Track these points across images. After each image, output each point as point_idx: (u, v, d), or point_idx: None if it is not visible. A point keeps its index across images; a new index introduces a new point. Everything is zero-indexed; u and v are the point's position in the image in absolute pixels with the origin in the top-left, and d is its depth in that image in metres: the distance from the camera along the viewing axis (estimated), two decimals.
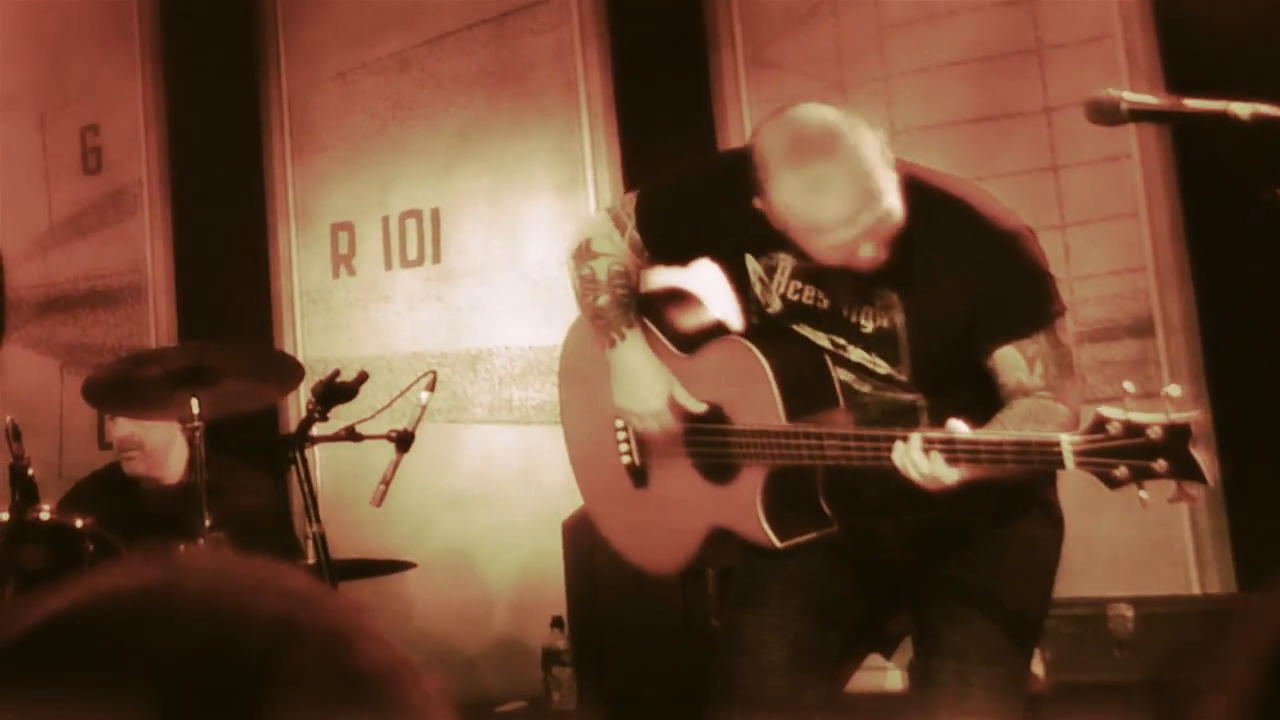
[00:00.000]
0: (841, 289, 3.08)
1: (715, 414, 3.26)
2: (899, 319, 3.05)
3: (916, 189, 3.00)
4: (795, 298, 3.15)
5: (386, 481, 4.33)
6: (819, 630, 3.22)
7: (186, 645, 0.81)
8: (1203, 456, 2.53)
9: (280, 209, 6.64)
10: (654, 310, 3.43)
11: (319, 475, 5.84)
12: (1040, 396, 2.92)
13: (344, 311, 6.51)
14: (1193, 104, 2.65)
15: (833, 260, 2.98)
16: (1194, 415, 2.55)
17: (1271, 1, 4.80)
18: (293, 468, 4.28)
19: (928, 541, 3.17)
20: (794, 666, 3.19)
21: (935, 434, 2.80)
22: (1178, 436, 2.53)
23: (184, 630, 0.82)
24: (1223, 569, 4.86)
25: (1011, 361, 2.95)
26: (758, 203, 3.00)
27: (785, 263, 3.14)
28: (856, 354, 3.10)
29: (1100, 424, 2.59)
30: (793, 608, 3.21)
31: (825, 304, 3.11)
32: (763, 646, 3.21)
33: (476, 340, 6.21)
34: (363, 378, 4.44)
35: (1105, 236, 5.08)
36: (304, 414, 4.30)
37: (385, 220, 6.43)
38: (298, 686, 0.80)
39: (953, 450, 2.75)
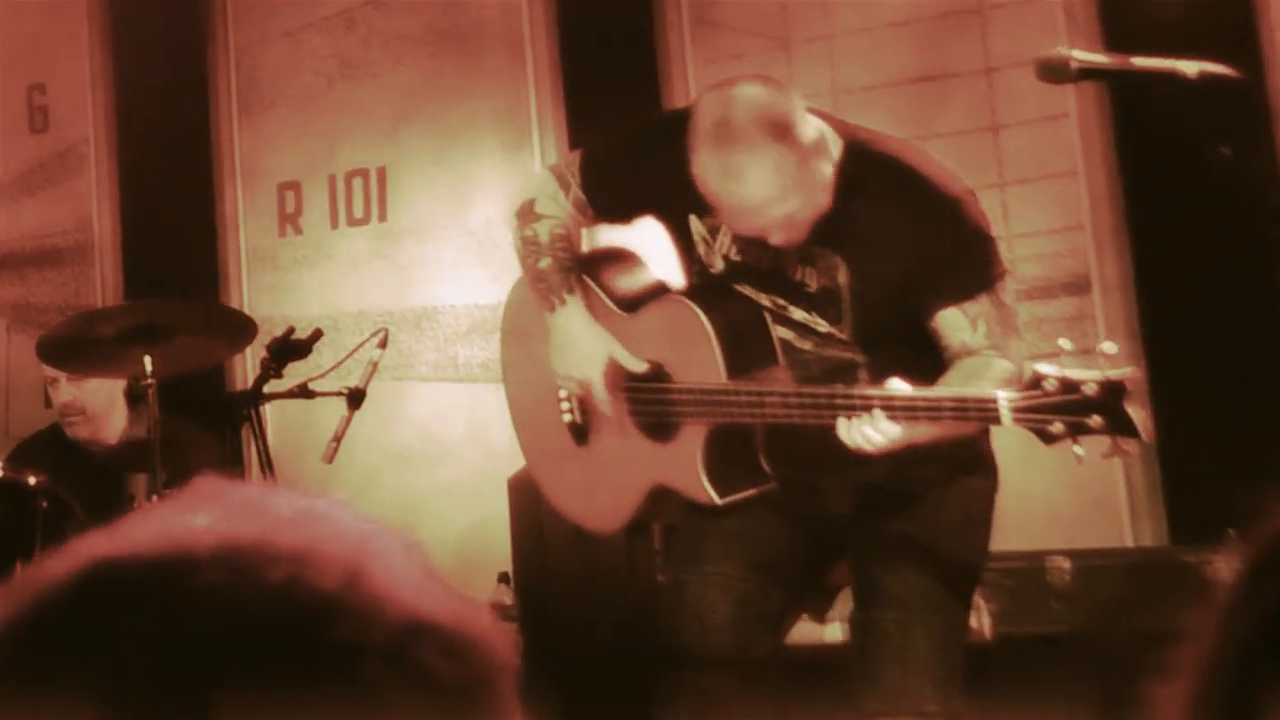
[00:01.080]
0: (785, 249, 3.07)
1: (657, 373, 3.25)
2: (842, 279, 3.05)
3: (860, 152, 3.03)
4: (738, 258, 3.15)
5: (338, 438, 4.32)
6: (762, 587, 3.22)
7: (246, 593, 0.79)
8: (1138, 412, 2.53)
9: (227, 167, 6.56)
10: (596, 269, 3.41)
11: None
12: (984, 354, 2.93)
13: (290, 270, 6.45)
14: (1141, 63, 2.67)
15: (743, 232, 3.02)
16: (1129, 372, 2.56)
17: None
18: (246, 424, 4.31)
19: (866, 495, 3.18)
20: (738, 624, 3.19)
21: (876, 392, 2.80)
22: (1113, 393, 2.54)
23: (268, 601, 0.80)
24: (1155, 523, 4.90)
25: (955, 322, 2.96)
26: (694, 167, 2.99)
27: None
28: (798, 313, 3.11)
29: (1037, 381, 2.59)
30: (735, 566, 3.21)
31: (768, 264, 3.11)
32: (707, 605, 3.21)
33: (422, 299, 6.17)
34: (317, 335, 4.44)
35: (1043, 195, 5.08)
36: (258, 371, 4.33)
37: (332, 179, 6.37)
38: (355, 636, 0.79)
39: (892, 408, 2.75)
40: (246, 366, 6.08)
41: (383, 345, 4.52)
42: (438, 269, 6.16)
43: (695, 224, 3.19)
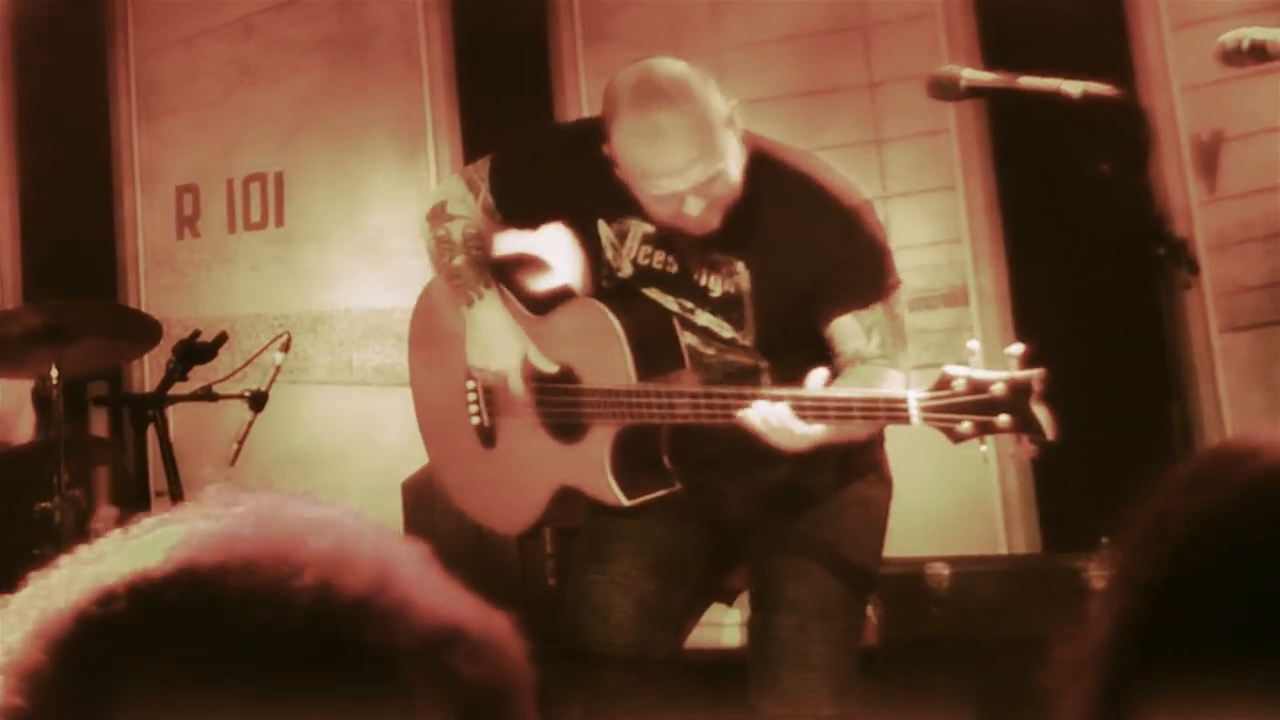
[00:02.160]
0: (691, 254, 3.06)
1: (566, 374, 3.20)
2: (745, 285, 3.03)
3: (763, 161, 3.01)
4: (645, 262, 3.11)
5: (240, 441, 4.33)
6: (664, 588, 3.18)
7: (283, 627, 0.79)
8: (1043, 412, 2.55)
9: (126, 171, 6.46)
10: (505, 273, 3.36)
11: None
12: (875, 363, 2.93)
13: (188, 273, 6.36)
14: (1027, 82, 2.70)
15: (662, 214, 2.96)
16: (1036, 373, 2.56)
17: None
18: (151, 425, 4.30)
19: (767, 499, 3.15)
20: (640, 624, 3.16)
21: (786, 391, 2.78)
22: (1020, 392, 2.54)
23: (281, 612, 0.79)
24: (1029, 530, 4.92)
25: (850, 330, 2.95)
26: (605, 149, 2.95)
27: (637, 228, 3.10)
28: (704, 318, 3.08)
29: (946, 381, 2.58)
30: (639, 566, 3.17)
31: (674, 269, 3.09)
32: (610, 604, 3.17)
33: (318, 303, 6.09)
34: (222, 339, 4.43)
35: (924, 208, 5.09)
36: (164, 374, 4.31)
37: (230, 183, 6.28)
38: (385, 649, 0.79)
39: (803, 407, 2.73)
40: (144, 369, 5.96)
41: (285, 349, 4.52)
42: (333, 274, 6.09)
43: (603, 229, 3.15)
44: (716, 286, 3.06)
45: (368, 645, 0.78)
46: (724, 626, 4.39)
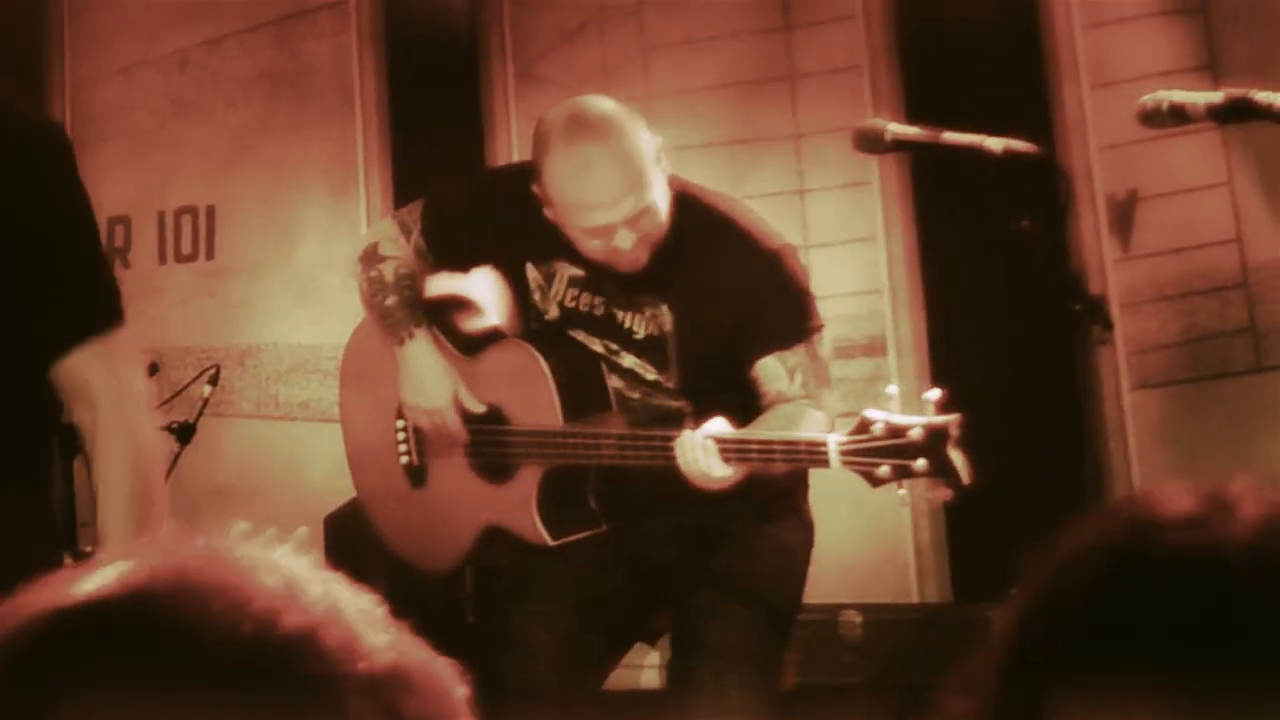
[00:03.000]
0: (616, 297, 3.07)
1: (494, 414, 3.20)
2: (668, 327, 3.03)
3: (688, 204, 3.04)
4: (572, 305, 3.11)
5: (166, 473, 4.15)
6: (586, 628, 3.15)
7: (222, 639, 0.78)
8: (959, 457, 2.58)
9: None
10: (436, 314, 3.34)
11: None
12: (799, 403, 2.92)
13: None
14: (949, 137, 2.74)
15: (593, 250, 2.96)
16: (954, 418, 2.59)
17: (1003, 42, 4.85)
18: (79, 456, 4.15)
19: (691, 542, 3.12)
20: (561, 662, 3.11)
21: (710, 434, 2.77)
22: (937, 438, 2.58)
23: (216, 627, 0.78)
24: (940, 580, 4.88)
25: (773, 371, 2.95)
26: (536, 189, 2.96)
27: (564, 270, 3.11)
28: (628, 359, 3.08)
29: (865, 425, 2.61)
30: (562, 605, 3.14)
31: (600, 311, 3.09)
32: (532, 642, 3.13)
33: (246, 336, 6.00)
34: (152, 369, 4.26)
35: (845, 259, 5.06)
36: None
37: (161, 215, 6.17)
38: (325, 682, 0.78)
39: (726, 447, 2.73)
40: None
41: (213, 382, 4.51)
42: (262, 308, 6.00)
43: (530, 271, 3.15)
44: (640, 328, 3.07)
45: (311, 678, 0.77)
46: (643, 669, 4.32)
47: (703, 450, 2.75)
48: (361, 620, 0.82)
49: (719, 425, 2.77)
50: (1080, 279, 2.77)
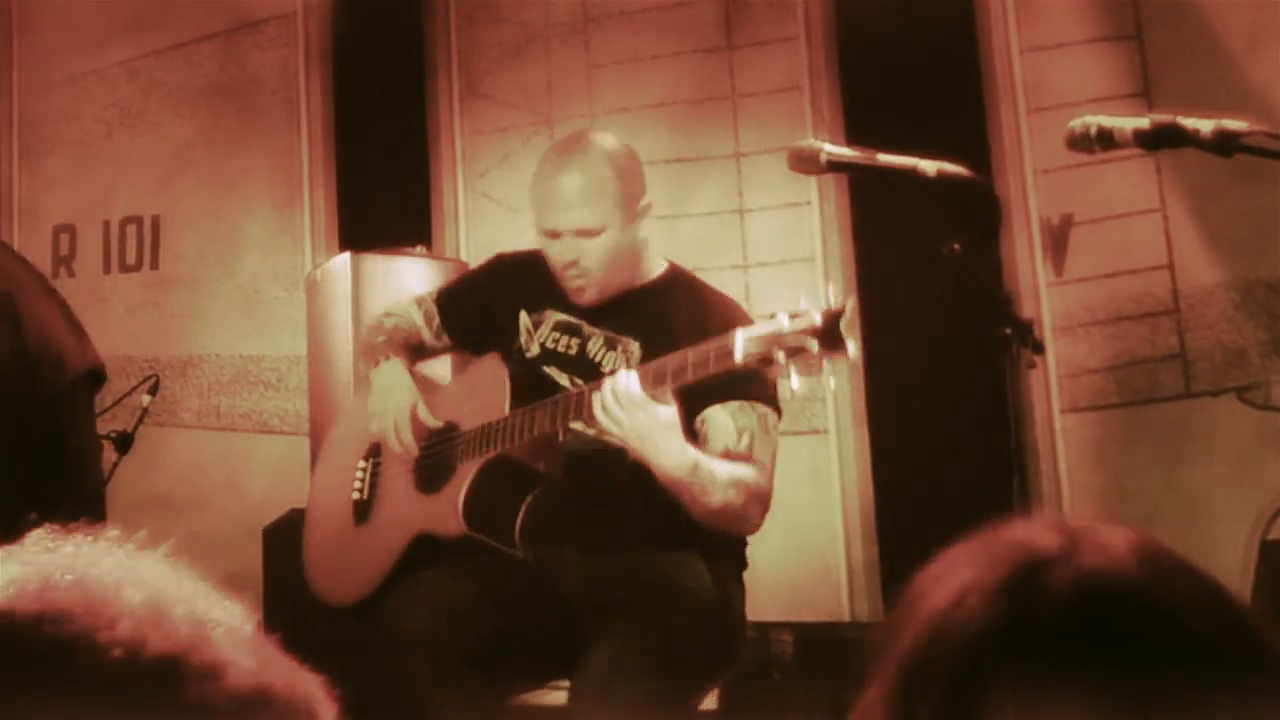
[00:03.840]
0: (592, 338, 3.16)
1: (449, 427, 3.24)
2: (634, 360, 3.07)
3: (678, 275, 3.25)
4: (552, 345, 3.21)
5: (104, 482, 3.99)
6: (478, 610, 3.03)
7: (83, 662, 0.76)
8: (851, 337, 2.61)
9: (4, 208, 6.28)
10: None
11: None
12: (743, 464, 2.93)
13: None
14: (884, 158, 2.69)
15: (553, 258, 3.09)
16: (849, 301, 2.63)
17: (942, 65, 4.84)
18: None
19: (606, 575, 3.08)
20: (437, 617, 2.98)
21: (633, 370, 2.85)
22: (833, 319, 2.61)
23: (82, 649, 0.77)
24: (872, 598, 4.85)
25: (721, 426, 2.96)
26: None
27: (551, 316, 3.21)
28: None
29: (771, 316, 2.66)
30: (462, 583, 3.05)
31: (574, 351, 3.17)
32: (418, 595, 3.03)
33: (189, 347, 5.92)
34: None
35: (784, 278, 5.03)
36: None
37: (106, 224, 6.10)
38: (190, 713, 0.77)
39: (645, 372, 2.81)
40: None
41: (153, 392, 4.47)
42: (205, 318, 5.93)
43: (524, 317, 3.25)
44: (609, 364, 3.12)
45: (179, 703, 0.76)
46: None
47: (624, 379, 2.80)
48: (228, 640, 0.80)
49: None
50: (1012, 302, 2.73)
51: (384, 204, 5.58)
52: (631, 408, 2.80)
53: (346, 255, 4.84)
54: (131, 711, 0.76)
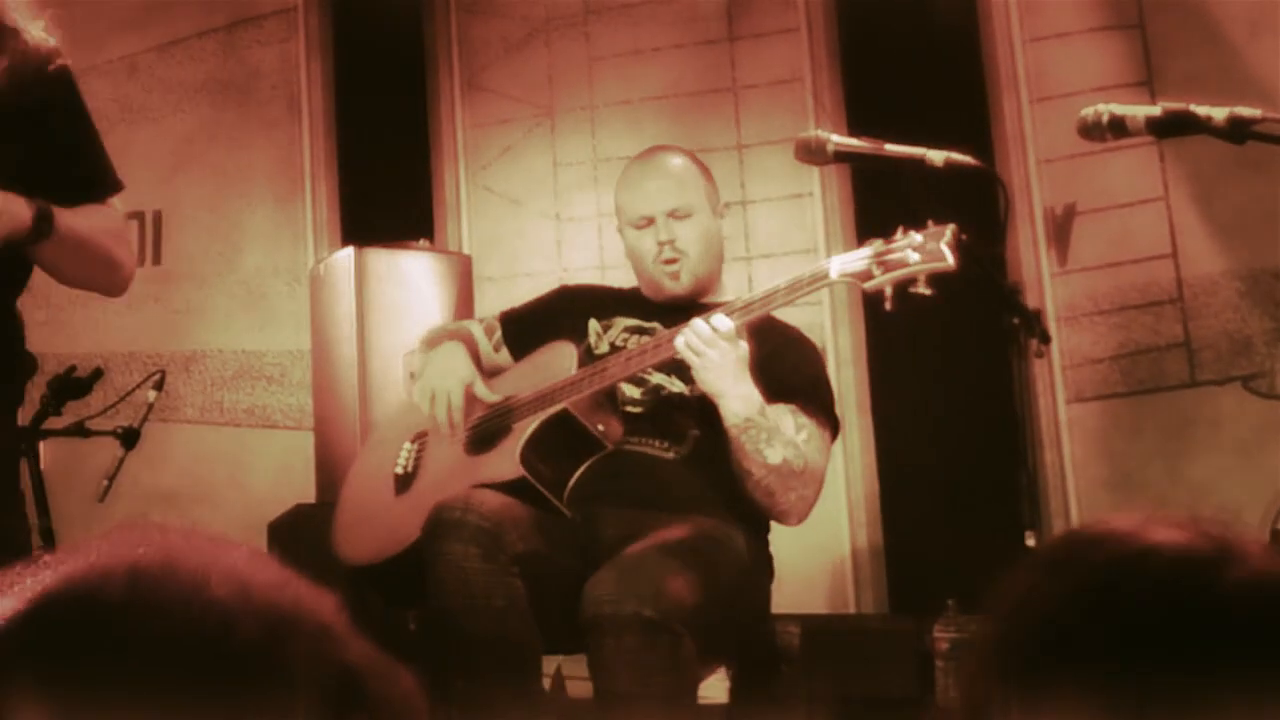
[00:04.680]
0: (662, 330, 3.15)
1: (505, 401, 3.24)
2: None
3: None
4: (621, 344, 3.22)
5: (110, 477, 4.24)
6: (520, 546, 2.92)
7: (183, 632, 0.77)
8: (951, 251, 2.64)
9: None
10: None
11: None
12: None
13: (64, 308, 6.10)
14: (892, 148, 2.71)
15: (643, 254, 3.22)
16: (951, 226, 2.66)
17: (945, 56, 4.82)
18: (24, 459, 3.99)
19: (646, 515, 3.05)
20: (484, 562, 2.87)
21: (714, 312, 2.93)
22: (936, 236, 2.66)
23: (182, 617, 0.77)
24: (878, 590, 4.83)
25: (784, 420, 3.01)
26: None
27: (620, 322, 3.27)
28: (657, 376, 3.13)
29: (865, 242, 2.77)
30: (508, 521, 2.95)
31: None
32: (459, 526, 2.90)
33: (192, 342, 5.88)
34: (97, 374, 4.31)
35: (786, 270, 4.85)
36: (38, 407, 4.17)
37: None
38: (293, 678, 0.77)
39: (732, 308, 2.91)
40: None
41: (159, 387, 4.43)
42: (208, 314, 5.89)
43: (593, 324, 3.29)
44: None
45: (265, 689, 0.76)
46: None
47: (707, 320, 2.87)
48: (317, 629, 0.80)
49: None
50: (1018, 293, 2.72)
51: (386, 197, 5.56)
52: (715, 341, 2.85)
53: (349, 249, 4.81)
54: (218, 699, 0.76)
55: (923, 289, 2.69)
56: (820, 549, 4.72)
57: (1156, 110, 2.36)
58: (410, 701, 0.83)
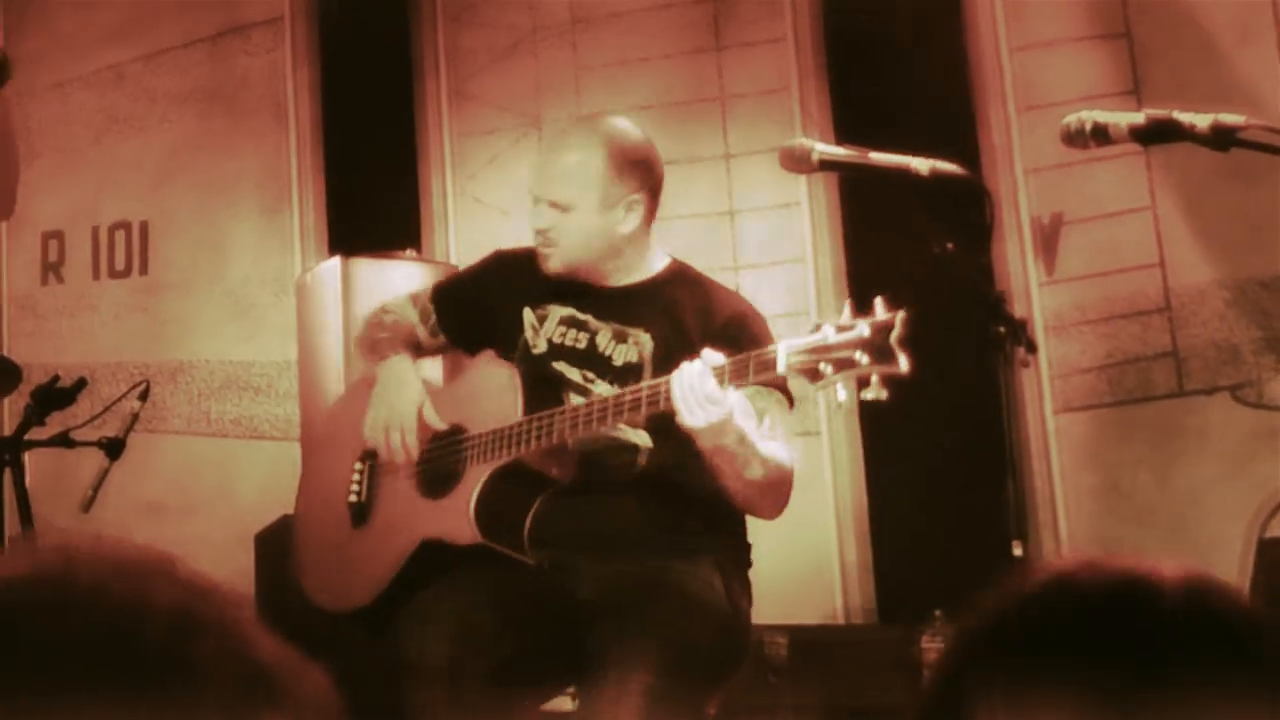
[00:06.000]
0: (600, 332, 3.13)
1: (454, 430, 3.16)
2: (646, 352, 3.05)
3: (681, 268, 3.22)
4: (559, 340, 3.15)
5: (95, 488, 4.18)
6: (496, 627, 2.97)
7: (85, 634, 0.76)
8: (901, 350, 2.54)
9: None
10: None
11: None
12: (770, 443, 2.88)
13: (51, 319, 6.12)
14: (876, 157, 2.68)
15: (532, 226, 3.11)
16: (899, 314, 2.56)
17: (931, 64, 4.81)
18: (7, 469, 4.10)
19: (618, 580, 3.04)
20: (458, 643, 2.91)
21: (658, 380, 2.80)
22: (883, 330, 2.55)
23: (82, 619, 0.76)
24: (865, 600, 4.81)
25: (743, 409, 2.86)
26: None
27: (555, 311, 3.17)
28: (602, 386, 3.07)
29: (816, 329, 2.60)
30: (473, 599, 2.99)
31: (583, 344, 3.14)
32: (435, 618, 2.96)
33: (179, 353, 5.87)
34: (81, 384, 4.25)
35: (774, 280, 5.01)
36: (21, 418, 4.14)
37: (95, 230, 6.06)
38: (199, 677, 0.76)
39: (720, 370, 2.72)
40: (3, 413, 5.69)
41: (143, 397, 4.37)
42: (195, 324, 5.88)
43: (528, 314, 3.20)
44: (619, 356, 3.08)
45: (179, 690, 0.75)
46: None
47: (699, 374, 2.71)
48: (224, 628, 0.79)
49: (710, 352, 2.75)
50: (1004, 301, 2.71)
51: (373, 207, 5.55)
52: (708, 405, 2.73)
53: (336, 259, 4.80)
54: (135, 687, 0.75)
55: (878, 393, 2.59)
56: (808, 559, 4.71)
57: (1140, 118, 2.35)
58: (323, 699, 0.82)
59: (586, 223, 3.07)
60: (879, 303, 2.61)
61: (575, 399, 3.06)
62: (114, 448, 4.26)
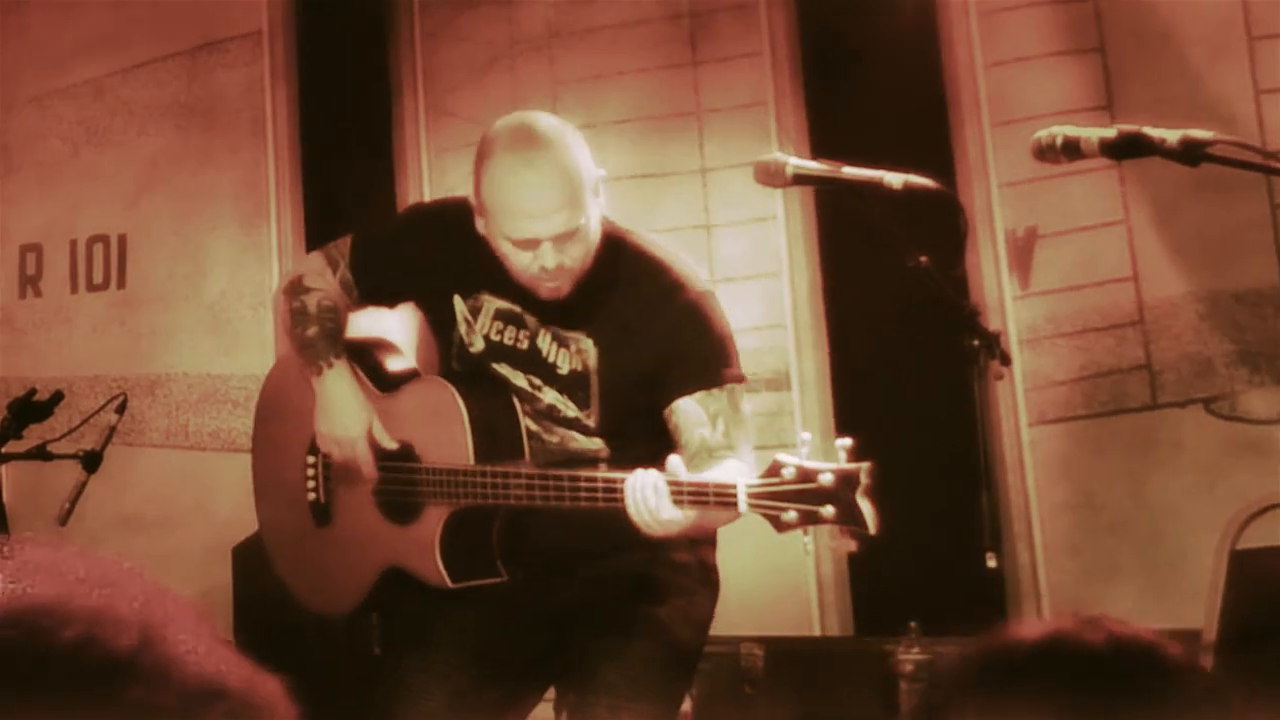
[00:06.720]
0: (540, 330, 2.98)
1: (406, 452, 3.07)
2: (591, 361, 2.95)
3: (617, 243, 2.96)
4: (497, 338, 3.02)
5: (72, 501, 4.19)
6: (482, 680, 3.03)
7: (33, 651, 0.76)
8: (867, 505, 2.48)
9: None
10: (355, 354, 3.22)
11: None
12: (719, 454, 2.82)
13: (29, 332, 6.10)
14: (850, 171, 2.70)
15: (518, 268, 2.85)
16: (864, 466, 2.49)
17: (906, 79, 4.81)
18: None
19: (592, 591, 3.03)
20: (452, 712, 2.99)
21: (618, 475, 2.70)
22: (847, 483, 2.48)
23: (30, 638, 0.77)
24: (842, 612, 4.81)
25: (694, 417, 2.85)
26: (472, 199, 2.87)
27: (489, 303, 3.02)
28: (549, 395, 2.98)
29: (775, 469, 2.51)
30: (456, 658, 3.03)
31: (525, 345, 3.00)
32: (423, 693, 3.01)
33: (157, 366, 5.85)
34: (58, 397, 4.27)
35: (750, 294, 4.99)
36: None
37: (73, 243, 6.03)
38: (151, 686, 0.77)
39: (679, 491, 2.62)
40: None
41: (121, 410, 4.38)
42: (173, 337, 5.86)
43: (459, 304, 3.04)
44: (564, 363, 2.98)
45: (129, 701, 0.76)
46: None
47: (654, 491, 2.62)
48: (184, 640, 0.80)
49: (674, 463, 2.64)
50: (978, 315, 2.72)
51: (351, 221, 5.52)
52: (662, 521, 2.64)
53: None
54: (80, 713, 0.75)
55: (845, 544, 2.55)
56: (784, 571, 4.69)
57: (1110, 133, 2.36)
58: (276, 706, 0.82)
59: (589, 229, 2.86)
60: (841, 447, 2.53)
61: (530, 423, 2.99)
62: (91, 461, 4.27)
